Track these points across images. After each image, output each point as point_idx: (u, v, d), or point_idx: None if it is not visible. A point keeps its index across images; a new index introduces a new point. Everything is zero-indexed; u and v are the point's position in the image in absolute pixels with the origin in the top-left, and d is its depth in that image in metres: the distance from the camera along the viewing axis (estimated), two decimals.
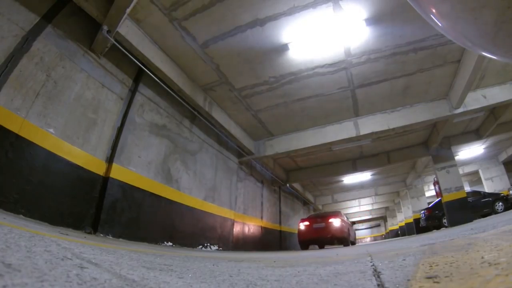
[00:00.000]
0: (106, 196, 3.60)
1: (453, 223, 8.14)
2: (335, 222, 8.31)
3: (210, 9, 4.00)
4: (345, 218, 9.71)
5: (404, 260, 1.19)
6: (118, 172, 3.86)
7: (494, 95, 6.31)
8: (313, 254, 2.97)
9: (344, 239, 8.40)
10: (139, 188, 4.19)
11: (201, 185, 5.93)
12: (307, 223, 8.75)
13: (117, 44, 3.93)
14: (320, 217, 8.78)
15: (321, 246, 10.16)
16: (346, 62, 5.23)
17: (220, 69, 5.26)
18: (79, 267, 0.77)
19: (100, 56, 3.93)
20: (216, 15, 4.10)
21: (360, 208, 21.01)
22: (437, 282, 0.69)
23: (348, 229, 9.21)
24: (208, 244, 5.67)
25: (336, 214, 8.84)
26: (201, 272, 1.11)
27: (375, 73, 5.61)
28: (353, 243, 10.83)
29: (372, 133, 7.05)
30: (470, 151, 11.43)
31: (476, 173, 14.10)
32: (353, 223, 12.61)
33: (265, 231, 9.04)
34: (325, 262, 1.53)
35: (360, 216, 24.28)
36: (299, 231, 8.78)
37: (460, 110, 6.37)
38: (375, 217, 25.96)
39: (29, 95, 2.94)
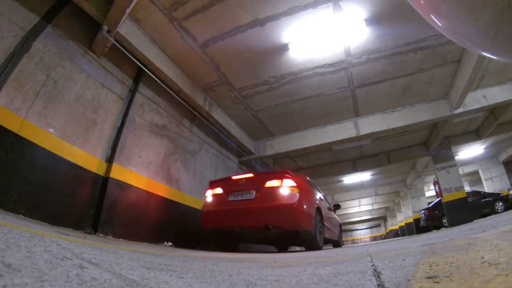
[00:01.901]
0: (106, 196, 3.60)
1: (453, 223, 8.15)
2: (282, 192, 3.81)
3: (210, 9, 4.00)
4: (314, 190, 4.82)
5: (404, 260, 1.19)
6: (118, 172, 3.86)
7: (494, 95, 6.32)
8: (313, 254, 2.96)
9: (306, 233, 3.88)
10: (139, 188, 4.19)
11: (201, 185, 5.93)
12: (219, 190, 4.23)
13: (117, 44, 3.93)
14: (246, 180, 4.13)
15: (283, 249, 5.89)
16: (346, 62, 5.23)
17: (220, 69, 5.26)
18: (79, 267, 0.77)
19: (100, 56, 3.93)
20: (216, 15, 4.10)
21: (360, 208, 21.04)
22: (437, 282, 0.69)
23: (320, 215, 4.53)
24: (209, 245, 5.67)
25: (285, 174, 4.05)
26: (201, 272, 1.11)
27: (375, 73, 5.61)
28: (337, 243, 6.25)
29: (372, 133, 7.05)
30: (470, 151, 11.44)
31: (476, 173, 14.10)
32: (337, 206, 6.96)
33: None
34: (325, 262, 1.53)
35: (360, 216, 24.31)
36: (204, 207, 4.28)
37: (460, 110, 6.38)
38: (375, 217, 25.99)
39: (29, 95, 2.94)
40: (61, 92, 3.32)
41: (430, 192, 15.69)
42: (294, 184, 3.93)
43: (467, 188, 12.94)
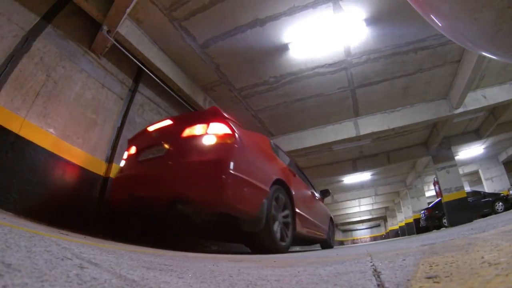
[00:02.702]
0: (106, 196, 3.60)
1: (453, 223, 8.15)
2: (204, 142, 2.32)
3: (210, 9, 4.01)
4: (278, 155, 3.53)
5: (404, 260, 1.19)
6: None
7: (494, 95, 6.32)
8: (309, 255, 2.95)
9: (249, 221, 2.36)
10: None
11: None
12: (133, 150, 2.99)
13: (117, 44, 3.94)
14: (161, 130, 2.82)
15: (256, 250, 2.84)
16: (346, 62, 5.24)
17: (220, 69, 5.26)
18: (79, 267, 0.77)
19: (100, 56, 3.93)
20: (216, 15, 4.10)
21: (360, 208, 21.04)
22: (437, 282, 0.69)
23: (289, 195, 3.05)
24: (208, 245, 5.67)
25: (213, 114, 2.57)
26: (201, 272, 1.11)
27: (375, 73, 5.61)
28: (326, 243, 5.05)
29: (372, 133, 7.06)
30: (470, 151, 11.44)
31: (476, 173, 14.10)
32: (326, 192, 5.56)
33: None
34: (325, 262, 1.53)
35: (360, 216, 24.31)
36: (118, 172, 3.14)
37: (460, 110, 6.38)
38: (375, 217, 25.98)
39: (29, 95, 2.94)
40: (61, 92, 3.32)
41: (430, 192, 15.68)
42: (227, 131, 2.40)
43: (467, 188, 12.94)
